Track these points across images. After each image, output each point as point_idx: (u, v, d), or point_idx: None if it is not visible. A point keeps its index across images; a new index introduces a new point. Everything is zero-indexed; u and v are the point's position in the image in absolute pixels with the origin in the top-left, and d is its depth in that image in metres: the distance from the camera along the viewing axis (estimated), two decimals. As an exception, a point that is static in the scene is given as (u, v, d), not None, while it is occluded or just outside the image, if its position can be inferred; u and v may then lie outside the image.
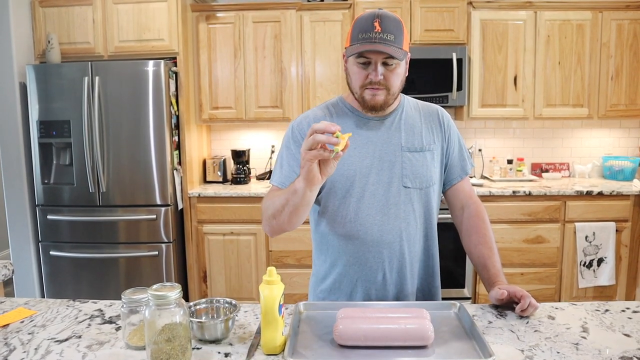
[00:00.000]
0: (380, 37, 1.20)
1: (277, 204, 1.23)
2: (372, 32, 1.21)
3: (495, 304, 1.25)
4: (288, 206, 1.19)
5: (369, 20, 1.22)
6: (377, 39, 1.20)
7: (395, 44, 1.21)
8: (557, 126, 3.86)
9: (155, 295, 0.94)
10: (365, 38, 1.21)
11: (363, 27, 1.22)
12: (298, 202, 1.17)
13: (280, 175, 1.36)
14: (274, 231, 1.31)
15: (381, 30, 1.20)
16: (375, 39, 1.20)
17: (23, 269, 3.26)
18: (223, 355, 1.01)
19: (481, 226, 1.38)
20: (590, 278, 3.29)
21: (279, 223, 1.25)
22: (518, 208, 3.24)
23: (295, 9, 3.40)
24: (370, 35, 1.21)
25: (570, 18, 3.40)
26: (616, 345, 1.03)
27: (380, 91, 1.27)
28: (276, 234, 1.32)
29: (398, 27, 1.23)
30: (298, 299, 1.29)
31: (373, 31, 1.21)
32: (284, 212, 1.21)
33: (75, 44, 3.25)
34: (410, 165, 1.34)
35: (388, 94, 1.29)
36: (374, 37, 1.20)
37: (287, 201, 1.19)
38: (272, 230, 1.31)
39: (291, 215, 1.21)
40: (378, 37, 1.20)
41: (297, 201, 1.16)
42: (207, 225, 3.35)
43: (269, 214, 1.27)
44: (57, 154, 3.21)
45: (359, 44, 1.22)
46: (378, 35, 1.20)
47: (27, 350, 1.04)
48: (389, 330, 1.01)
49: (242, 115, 3.51)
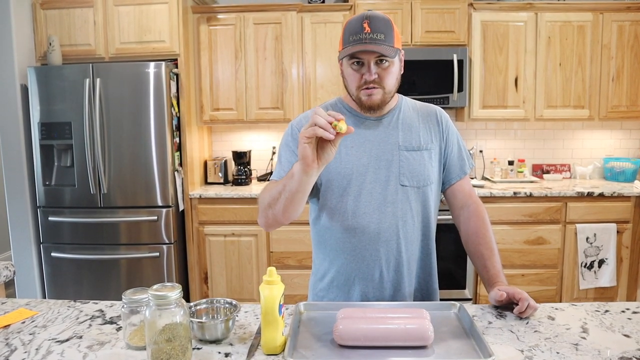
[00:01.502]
0: (370, 37, 1.23)
1: (274, 192, 1.24)
2: (362, 33, 1.23)
3: (495, 305, 1.25)
4: (285, 192, 1.20)
5: (358, 22, 1.25)
6: (368, 39, 1.23)
7: (386, 42, 1.24)
8: (558, 127, 3.86)
9: (155, 296, 0.94)
10: (355, 40, 1.24)
11: (353, 30, 1.25)
12: (294, 187, 1.17)
13: (280, 170, 1.37)
14: (269, 223, 1.30)
15: (371, 31, 1.23)
16: (365, 40, 1.23)
17: (24, 270, 3.26)
18: (223, 355, 1.02)
19: (481, 226, 1.38)
20: (591, 279, 3.29)
21: (275, 213, 1.25)
22: (519, 209, 3.24)
23: (296, 11, 3.41)
24: (361, 36, 1.23)
25: (571, 19, 3.40)
26: (616, 345, 1.03)
27: (376, 90, 1.29)
28: (271, 227, 1.32)
29: (387, 26, 1.25)
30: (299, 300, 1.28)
31: (363, 32, 1.23)
32: (281, 199, 1.21)
33: (76, 46, 3.26)
34: (408, 164, 1.35)
35: (384, 92, 1.30)
36: (365, 38, 1.23)
37: (284, 187, 1.20)
38: (267, 222, 1.30)
39: (287, 203, 1.21)
40: (368, 38, 1.23)
41: (294, 186, 1.17)
42: (208, 226, 3.35)
43: (266, 203, 1.27)
44: (59, 156, 3.22)
45: (350, 45, 1.25)
46: (368, 36, 1.23)
47: (28, 351, 1.05)
48: (389, 331, 1.02)
49: (243, 116, 3.51)
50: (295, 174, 1.15)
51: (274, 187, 1.26)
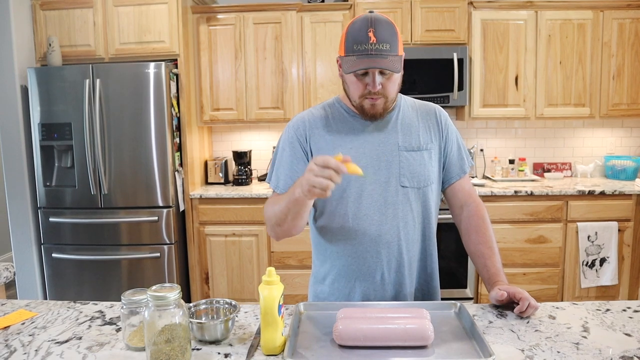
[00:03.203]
0: (376, 48, 1.19)
1: (278, 212, 1.27)
2: (367, 44, 1.20)
3: (495, 304, 1.25)
4: (290, 214, 1.24)
5: (362, 30, 1.20)
6: (374, 52, 1.19)
7: (392, 52, 1.21)
8: (559, 126, 3.85)
9: (154, 296, 0.94)
10: (361, 51, 1.20)
11: (357, 38, 1.21)
12: (299, 210, 1.22)
13: (282, 181, 1.37)
14: (279, 237, 1.36)
15: (376, 41, 1.19)
16: (371, 52, 1.20)
17: (25, 272, 3.26)
18: (223, 355, 1.01)
19: (481, 225, 1.38)
20: (593, 278, 3.28)
21: (285, 230, 1.30)
22: (520, 208, 3.24)
23: (295, 10, 3.41)
24: (366, 47, 1.20)
25: (571, 17, 3.40)
26: (617, 344, 1.03)
27: (379, 100, 1.28)
28: (282, 238, 1.37)
29: (392, 33, 1.22)
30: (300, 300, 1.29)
31: (368, 42, 1.19)
32: (288, 220, 1.26)
33: (76, 47, 3.26)
34: (408, 165, 1.34)
35: (386, 101, 1.30)
36: (371, 50, 1.19)
37: (289, 209, 1.23)
38: (278, 236, 1.36)
39: (294, 221, 1.26)
40: (374, 49, 1.19)
41: (299, 209, 1.22)
42: (209, 226, 3.35)
43: (273, 222, 1.31)
44: (59, 157, 3.22)
45: (355, 56, 1.21)
46: (374, 47, 1.19)
47: (28, 352, 1.04)
48: (389, 330, 1.01)
49: (243, 116, 3.51)
50: (300, 200, 1.18)
51: (277, 205, 1.28)
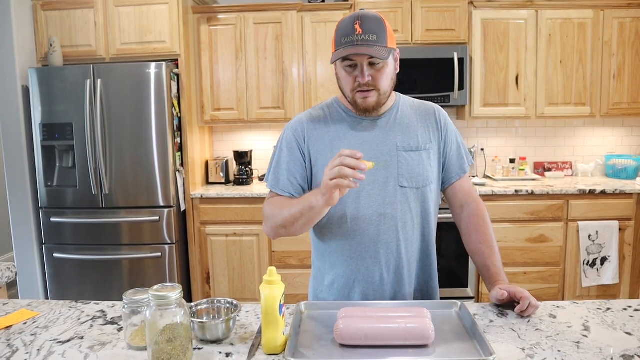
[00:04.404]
0: (362, 38, 1.21)
1: (288, 215, 1.27)
2: (353, 35, 1.22)
3: (496, 303, 1.25)
4: (303, 219, 1.24)
5: (349, 24, 1.23)
6: (359, 41, 1.21)
7: (378, 43, 1.22)
8: (560, 125, 3.85)
9: (156, 296, 0.94)
10: (347, 42, 1.22)
11: (344, 31, 1.23)
12: (314, 217, 1.23)
13: (281, 182, 1.37)
14: (279, 237, 1.36)
15: (362, 32, 1.21)
16: (357, 42, 1.21)
17: (27, 271, 3.27)
18: (224, 355, 1.02)
19: (481, 224, 1.38)
20: (594, 277, 3.28)
21: (290, 232, 1.31)
22: (521, 207, 3.24)
23: (296, 10, 3.41)
24: (352, 38, 1.22)
25: (571, 17, 3.40)
26: (617, 343, 1.03)
27: (370, 93, 1.28)
28: (279, 237, 1.37)
29: (380, 25, 1.23)
30: (301, 300, 1.29)
31: (354, 34, 1.21)
32: (298, 224, 1.26)
33: (77, 47, 3.26)
34: (407, 165, 1.34)
35: (379, 94, 1.29)
36: (356, 40, 1.21)
37: (302, 215, 1.24)
38: (278, 236, 1.36)
39: (304, 226, 1.27)
40: (360, 39, 1.21)
41: (313, 216, 1.23)
42: (210, 226, 3.35)
43: (278, 223, 1.30)
44: (60, 157, 3.22)
45: (342, 48, 1.23)
46: (360, 37, 1.21)
47: (30, 352, 1.05)
48: (390, 330, 1.02)
49: (244, 116, 3.52)
50: (316, 208, 1.19)
51: (286, 209, 1.28)
